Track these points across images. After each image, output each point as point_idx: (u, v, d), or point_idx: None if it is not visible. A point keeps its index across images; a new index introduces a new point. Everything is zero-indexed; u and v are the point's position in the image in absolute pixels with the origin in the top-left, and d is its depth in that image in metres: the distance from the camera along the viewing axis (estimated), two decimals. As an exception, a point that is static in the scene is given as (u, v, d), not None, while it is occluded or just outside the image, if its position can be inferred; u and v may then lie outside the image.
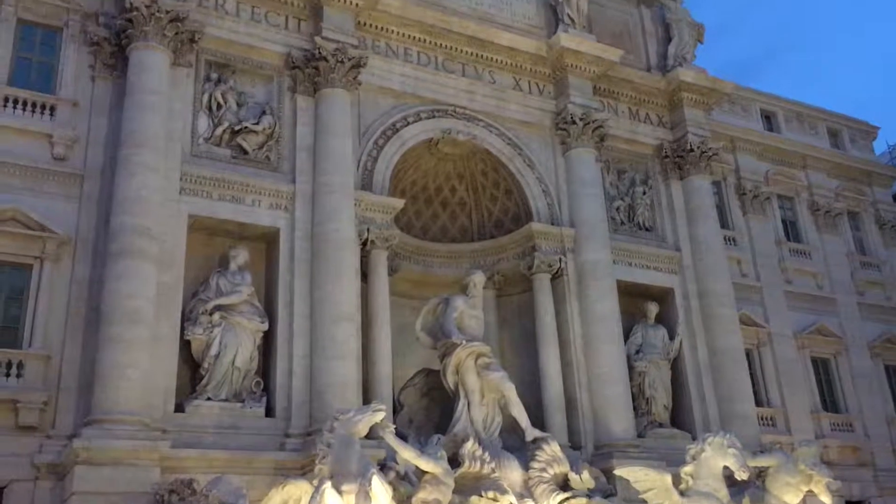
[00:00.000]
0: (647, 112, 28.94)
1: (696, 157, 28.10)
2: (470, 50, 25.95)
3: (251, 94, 22.68)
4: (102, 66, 21.53)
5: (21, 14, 21.38)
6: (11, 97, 20.49)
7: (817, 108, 36.68)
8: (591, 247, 25.14)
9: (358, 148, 23.21)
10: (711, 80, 29.11)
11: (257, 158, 22.00)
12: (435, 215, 26.74)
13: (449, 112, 25.24)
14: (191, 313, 20.06)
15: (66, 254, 19.79)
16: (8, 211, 19.41)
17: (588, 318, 24.45)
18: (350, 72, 23.07)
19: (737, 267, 30.20)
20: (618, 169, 28.05)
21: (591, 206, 25.77)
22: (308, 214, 21.74)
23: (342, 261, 21.28)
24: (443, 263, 25.93)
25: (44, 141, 20.44)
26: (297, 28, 23.49)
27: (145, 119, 20.04)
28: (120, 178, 19.60)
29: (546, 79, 27.21)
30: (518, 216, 25.99)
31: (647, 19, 30.19)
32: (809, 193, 34.14)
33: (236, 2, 22.79)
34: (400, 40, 25.05)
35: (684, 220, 27.76)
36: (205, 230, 21.04)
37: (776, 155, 33.83)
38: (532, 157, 26.16)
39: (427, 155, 25.57)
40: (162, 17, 20.72)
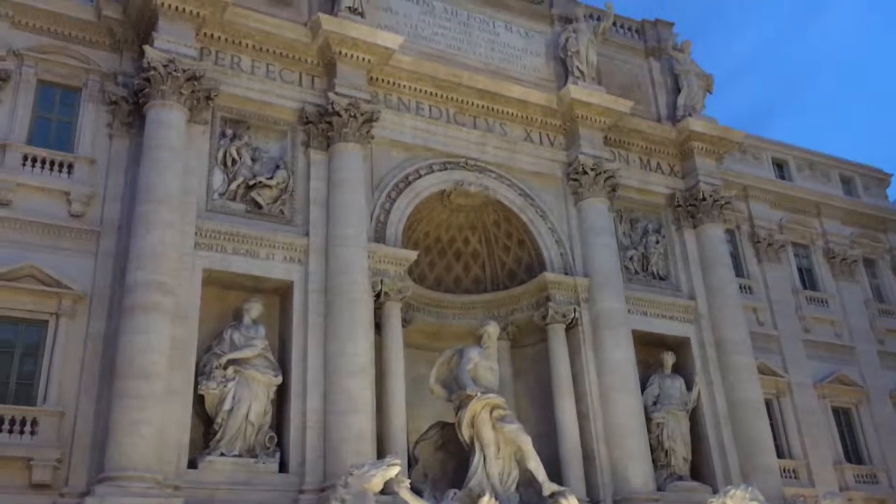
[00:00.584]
0: (659, 161, 29.09)
1: (708, 205, 28.12)
2: (481, 103, 26.28)
3: (265, 149, 23.00)
4: (120, 124, 21.96)
5: (41, 75, 21.94)
6: (30, 156, 20.90)
7: (829, 156, 36.73)
8: (605, 296, 25.04)
9: (371, 201, 23.40)
10: (721, 129, 29.29)
11: (271, 212, 22.20)
12: (448, 266, 26.78)
13: (461, 164, 25.46)
14: (205, 367, 20.04)
15: (82, 309, 19.93)
16: (25, 268, 19.63)
17: (604, 369, 24.22)
18: (363, 126, 23.38)
19: (753, 316, 29.94)
20: (630, 218, 28.10)
21: (604, 255, 25.74)
22: (322, 267, 21.83)
23: (356, 313, 21.27)
24: (457, 314, 25.86)
25: (61, 198, 20.77)
26: (310, 84, 23.91)
27: (161, 175, 20.33)
28: (136, 233, 19.81)
29: (557, 130, 27.46)
30: (531, 266, 25.97)
31: (656, 71, 30.55)
32: (825, 241, 33.98)
33: (251, 60, 23.26)
34: (412, 94, 25.42)
35: (698, 268, 27.65)
36: (219, 284, 21.14)
37: (790, 203, 33.80)
38: (544, 207, 26.26)
39: (440, 207, 25.72)
40: (179, 76, 21.16)
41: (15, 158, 20.68)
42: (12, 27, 21.70)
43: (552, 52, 28.57)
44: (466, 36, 27.32)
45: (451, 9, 27.44)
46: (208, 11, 22.08)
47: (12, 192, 20.25)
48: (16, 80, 21.41)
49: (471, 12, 27.76)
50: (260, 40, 23.23)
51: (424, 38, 26.40)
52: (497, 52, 27.67)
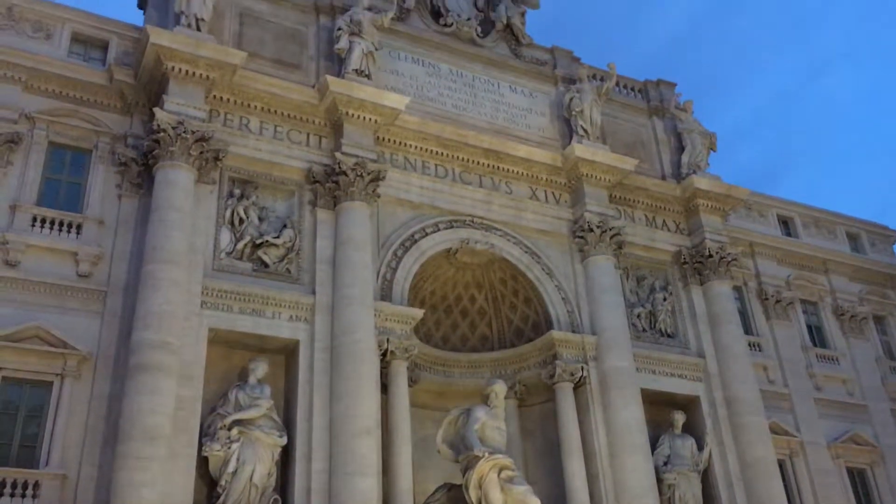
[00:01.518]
0: (664, 219, 29.17)
1: (715, 262, 28.08)
2: (486, 162, 26.52)
3: (272, 209, 23.16)
4: (129, 185, 22.20)
5: (53, 138, 22.27)
6: (40, 217, 21.11)
7: (834, 213, 36.77)
8: (613, 354, 24.84)
9: (377, 259, 23.45)
10: (726, 186, 29.43)
11: (278, 271, 22.24)
12: (455, 325, 26.67)
13: (467, 222, 25.57)
14: (209, 428, 19.83)
15: (87, 370, 19.85)
16: (31, 328, 19.63)
17: (613, 429, 23.89)
18: (369, 185, 23.57)
19: (763, 374, 29.60)
20: (637, 275, 28.06)
21: (611, 313, 25.63)
22: (328, 326, 21.76)
23: (362, 373, 21.12)
24: (463, 373, 25.67)
25: (69, 259, 20.88)
26: (318, 144, 24.20)
27: (169, 235, 20.45)
28: (143, 293, 19.84)
29: (562, 188, 27.64)
30: (538, 324, 25.85)
31: (660, 129, 30.86)
32: (833, 298, 33.79)
33: (260, 121, 23.59)
34: (418, 154, 25.68)
35: (707, 326, 27.49)
36: (225, 343, 21.07)
37: (796, 260, 33.72)
38: (550, 265, 26.26)
39: (446, 265, 25.74)
40: (188, 137, 21.45)
41: (24, 219, 20.88)
42: (25, 91, 22.12)
43: (556, 111, 28.94)
44: (472, 96, 27.73)
45: (457, 70, 27.92)
46: (218, 75, 22.49)
47: (21, 252, 20.38)
48: (27, 143, 21.74)
49: (476, 74, 28.22)
50: (268, 102, 23.59)
51: (430, 98, 26.81)
52: (502, 111, 28.04)
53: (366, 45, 25.03)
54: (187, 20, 22.76)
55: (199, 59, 22.09)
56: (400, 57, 27.07)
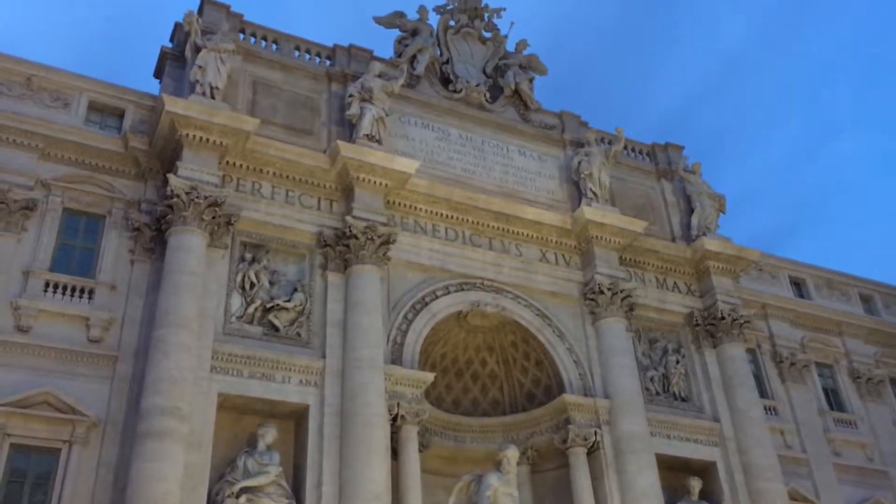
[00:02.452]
0: (675, 281, 29.09)
1: (727, 324, 27.88)
2: (496, 224, 26.63)
3: (283, 272, 23.23)
4: (142, 249, 22.36)
5: (67, 204, 22.55)
6: (52, 282, 21.22)
7: (847, 274, 36.56)
8: (627, 418, 24.49)
9: (388, 322, 23.39)
10: (737, 248, 29.40)
11: (288, 335, 22.19)
12: (466, 388, 26.42)
13: (477, 285, 25.55)
14: (217, 496, 19.55)
15: (95, 436, 19.69)
16: (40, 394, 19.55)
17: (628, 496, 23.40)
18: (380, 248, 23.66)
19: (780, 438, 29.08)
20: (649, 338, 27.86)
21: (624, 376, 25.37)
22: (338, 390, 21.61)
23: (372, 438, 20.87)
24: (475, 438, 25.34)
25: (80, 324, 20.92)
26: (329, 209, 24.40)
27: (181, 299, 20.50)
28: (153, 358, 19.80)
29: (572, 250, 27.67)
30: (550, 388, 25.58)
31: (669, 192, 31.03)
32: (848, 360, 33.37)
33: (272, 186, 23.86)
34: (428, 217, 25.84)
35: (721, 389, 27.14)
36: (234, 409, 20.91)
37: (810, 322, 33.43)
38: (561, 327, 26.12)
39: (456, 327, 25.64)
40: (201, 202, 21.68)
41: (37, 285, 20.99)
42: (41, 159, 22.48)
43: (565, 174, 29.18)
44: (481, 160, 28.03)
45: (466, 135, 28.30)
46: (231, 141, 22.85)
47: (33, 318, 20.45)
48: (42, 209, 21.99)
49: (485, 138, 28.59)
50: (280, 167, 23.89)
51: (440, 162, 27.11)
52: (511, 175, 28.29)
53: (376, 111, 25.44)
54: (202, 88, 23.23)
55: (213, 126, 22.47)
56: (410, 122, 27.49)
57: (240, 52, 24.99)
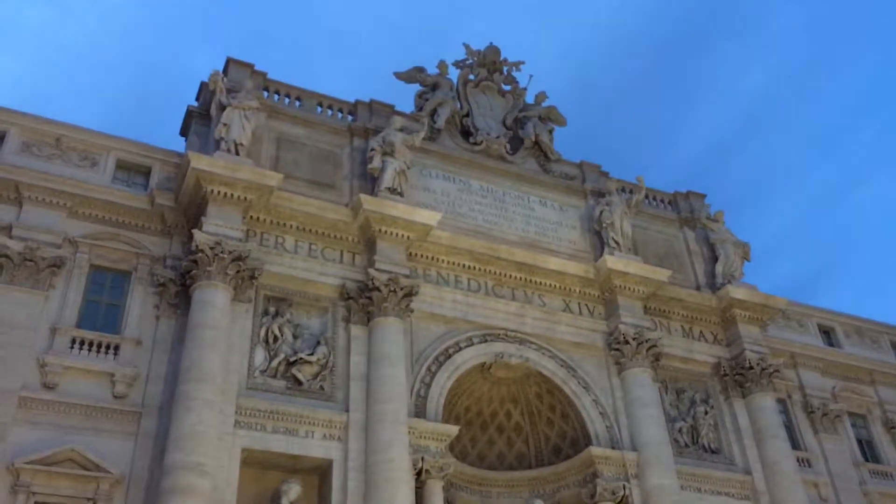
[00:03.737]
0: (701, 330, 28.74)
1: (756, 374, 27.41)
2: (519, 275, 26.57)
3: (306, 326, 23.25)
4: (167, 305, 22.50)
5: (94, 261, 22.81)
6: (79, 339, 21.35)
7: (877, 322, 35.97)
8: (655, 472, 24.00)
9: (411, 374, 23.25)
10: (763, 296, 29.06)
11: (311, 389, 22.10)
12: (491, 441, 26.07)
13: (500, 336, 25.39)
14: (241, 553, 19.28)
15: (119, 494, 19.58)
16: (65, 452, 19.52)
17: (659, 552, 22.78)
18: (402, 300, 23.64)
19: (815, 491, 28.30)
20: (676, 388, 27.43)
21: (652, 427, 24.93)
22: (361, 444, 21.40)
23: (396, 494, 20.56)
24: (501, 493, 24.92)
25: (106, 380, 20.98)
26: (351, 261, 24.50)
27: (204, 354, 20.53)
28: (176, 413, 19.76)
29: (595, 300, 27.49)
30: (576, 440, 25.17)
31: (691, 240, 30.87)
32: (882, 410, 32.62)
33: (295, 239, 24.03)
34: (450, 268, 25.84)
35: (752, 440, 26.57)
36: (258, 464, 20.74)
37: (841, 370, 32.81)
38: (587, 378, 25.82)
39: (480, 379, 25.42)
40: (225, 257, 21.84)
41: (64, 342, 21.14)
42: (69, 216, 22.83)
43: (587, 224, 29.16)
44: (502, 211, 28.09)
45: (487, 186, 28.43)
46: (255, 196, 23.10)
47: (59, 375, 20.54)
48: (69, 267, 22.25)
49: (506, 189, 28.70)
50: (303, 221, 24.09)
51: (462, 214, 27.21)
52: (533, 225, 28.32)
53: (398, 165, 25.68)
54: (227, 145, 23.62)
55: (237, 181, 22.76)
56: (431, 174, 27.70)
57: (264, 109, 25.43)
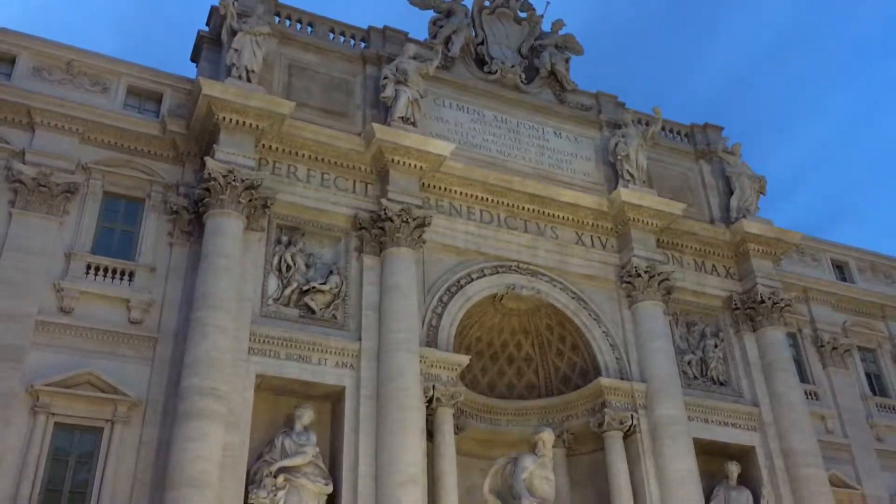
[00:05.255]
0: (714, 264, 28.69)
1: (767, 308, 27.44)
2: (532, 207, 26.46)
3: (319, 255, 23.34)
4: (180, 233, 22.60)
5: (107, 187, 22.84)
6: (94, 265, 21.56)
7: (892, 258, 35.79)
8: (664, 402, 24.28)
9: (423, 305, 23.40)
10: (778, 230, 28.89)
11: (324, 317, 22.31)
12: (501, 372, 26.39)
13: (512, 268, 25.43)
14: (255, 475, 19.79)
15: (137, 416, 20.02)
16: (83, 374, 19.91)
17: (665, 480, 23.23)
18: (415, 231, 23.64)
19: (821, 423, 28.62)
20: (687, 322, 27.54)
21: (661, 360, 25.12)
22: (373, 372, 21.70)
23: (408, 420, 20.94)
24: (510, 421, 25.31)
25: (121, 306, 21.24)
26: (364, 191, 24.42)
27: (218, 282, 20.69)
28: (192, 339, 20.04)
29: (608, 233, 27.40)
30: (586, 371, 25.44)
31: (707, 173, 30.55)
32: (892, 344, 32.72)
33: (307, 169, 23.93)
34: (463, 199, 25.75)
35: (760, 373, 26.76)
36: (271, 390, 21.11)
37: (853, 305, 32.81)
38: (598, 310, 25.93)
39: (491, 311, 25.58)
40: (237, 185, 21.82)
41: (79, 268, 21.35)
42: (82, 142, 22.78)
43: (602, 156, 28.86)
44: (516, 142, 27.82)
45: (501, 116, 28.09)
46: (267, 124, 22.93)
47: (75, 300, 20.80)
48: (83, 193, 22.32)
49: (520, 119, 28.35)
50: (315, 150, 23.94)
51: (475, 144, 26.96)
52: (547, 157, 28.07)
53: (411, 93, 25.35)
54: (238, 72, 23.33)
55: (249, 109, 22.57)
56: (445, 104, 27.36)
57: (275, 34, 25.04)
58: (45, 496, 18.74)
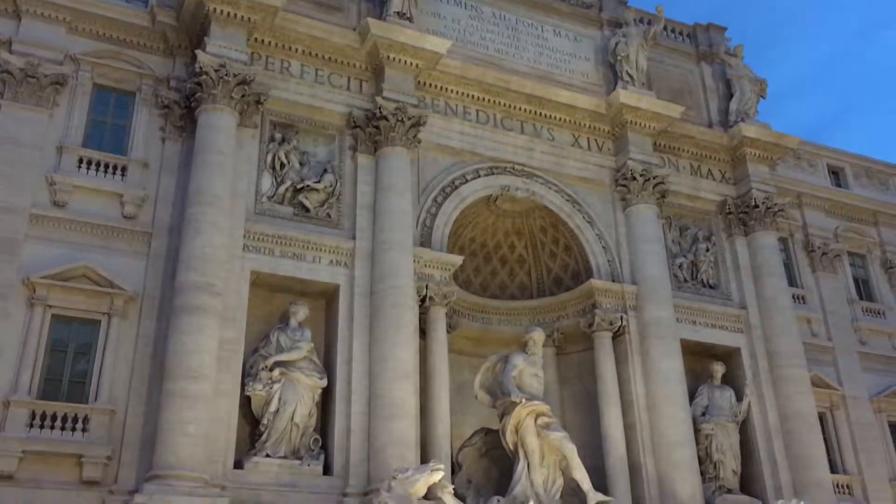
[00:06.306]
0: (710, 168, 28.59)
1: (761, 213, 27.54)
2: (528, 108, 26.11)
3: (313, 154, 23.15)
4: (172, 127, 22.31)
5: (97, 80, 22.40)
6: (86, 158, 21.36)
7: (887, 163, 35.71)
8: (653, 304, 24.65)
9: (417, 205, 23.39)
10: (775, 135, 28.67)
11: (318, 216, 22.32)
12: (494, 272, 26.64)
13: (507, 169, 25.32)
14: (251, 369, 20.21)
15: (133, 310, 20.25)
16: (79, 268, 20.02)
17: (651, 379, 23.84)
18: (410, 130, 23.39)
19: (807, 327, 29.19)
20: (680, 225, 27.66)
21: (652, 262, 25.36)
22: (367, 271, 21.88)
23: (401, 318, 21.25)
24: (502, 321, 25.71)
25: (115, 200, 21.16)
26: (358, 89, 24.01)
27: (211, 178, 20.58)
28: (186, 235, 20.08)
29: (605, 135, 27.17)
30: (578, 273, 25.70)
31: (708, 76, 30.06)
32: (882, 251, 33.01)
33: (301, 64, 23.45)
34: (459, 99, 25.37)
35: (750, 277, 27.09)
36: (266, 287, 21.31)
37: (845, 211, 32.95)
38: (591, 213, 25.98)
39: (486, 212, 25.62)
40: (230, 80, 21.41)
41: (71, 161, 21.15)
42: (69, 32, 22.19)
43: (601, 56, 28.31)
44: (514, 40, 27.20)
45: (500, 13, 27.36)
46: (259, 17, 22.32)
47: (68, 194, 20.70)
48: (72, 85, 21.88)
49: (519, 17, 27.63)
50: (309, 45, 23.40)
51: (472, 42, 26.36)
52: (545, 56, 27.50)
53: (408, -13, 24.61)
54: (229, -39, 22.52)
55: (240, 0, 21.92)
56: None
57: (266, -78, 24.04)
58: (46, 385, 19.15)
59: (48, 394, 19.08)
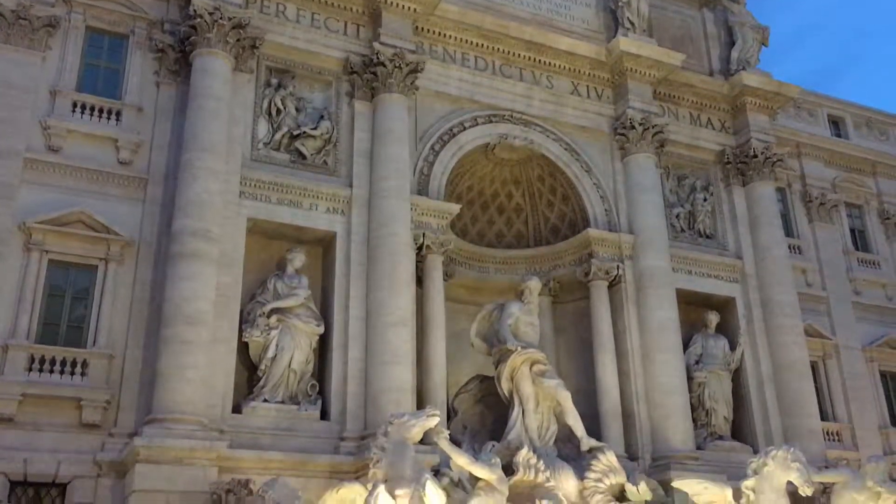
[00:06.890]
0: (709, 117, 28.38)
1: (759, 163, 27.43)
2: (527, 55, 25.79)
3: (310, 100, 22.90)
4: (167, 72, 22.01)
5: (90, 22, 22.02)
6: (80, 103, 21.11)
7: (887, 114, 35.42)
8: (649, 254, 24.69)
9: (414, 153, 23.23)
10: (776, 83, 28.40)
11: (315, 163, 22.19)
12: (491, 221, 26.61)
13: (506, 117, 25.11)
14: (248, 315, 20.29)
15: (130, 255, 20.25)
16: (75, 213, 19.96)
17: (646, 327, 24.01)
18: (407, 77, 23.12)
19: (802, 276, 29.32)
20: (678, 175, 27.56)
21: (650, 212, 25.34)
22: (364, 219, 21.85)
23: (398, 265, 21.30)
24: (498, 269, 25.77)
25: (110, 145, 20.98)
26: (355, 34, 23.66)
27: (207, 124, 20.40)
28: (182, 181, 19.98)
29: (605, 83, 26.89)
30: (575, 222, 25.69)
31: (710, 23, 29.64)
32: (879, 201, 32.98)
33: (296, 8, 23.06)
34: (457, 45, 25.04)
35: (747, 227, 27.10)
36: (263, 233, 21.30)
37: (844, 161, 32.81)
38: (590, 162, 25.85)
39: (483, 160, 25.48)
40: (224, 23, 21.08)
41: (65, 106, 20.90)
42: (60, -27, 21.78)
43: (602, 2, 27.86)
44: (514, -15, 26.72)
45: (500, -43, 26.80)
46: (253, -43, 21.89)
47: (63, 138, 20.52)
48: (65, 27, 21.51)
49: (519, -39, 27.08)
50: (305, -12, 22.99)
51: (471, -14, 25.89)
52: (545, 2, 27.06)
53: (404, -72, 24.04)
54: None
55: (232, -61, 21.48)
56: (440, -59, 26.01)
57: None
58: (44, 329, 19.25)
59: (46, 338, 19.17)
